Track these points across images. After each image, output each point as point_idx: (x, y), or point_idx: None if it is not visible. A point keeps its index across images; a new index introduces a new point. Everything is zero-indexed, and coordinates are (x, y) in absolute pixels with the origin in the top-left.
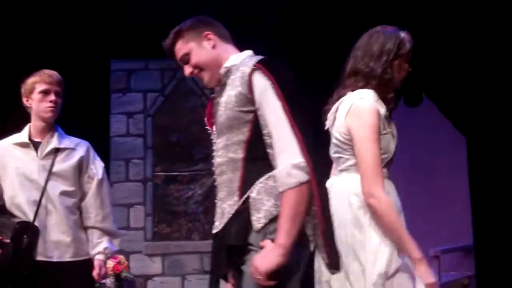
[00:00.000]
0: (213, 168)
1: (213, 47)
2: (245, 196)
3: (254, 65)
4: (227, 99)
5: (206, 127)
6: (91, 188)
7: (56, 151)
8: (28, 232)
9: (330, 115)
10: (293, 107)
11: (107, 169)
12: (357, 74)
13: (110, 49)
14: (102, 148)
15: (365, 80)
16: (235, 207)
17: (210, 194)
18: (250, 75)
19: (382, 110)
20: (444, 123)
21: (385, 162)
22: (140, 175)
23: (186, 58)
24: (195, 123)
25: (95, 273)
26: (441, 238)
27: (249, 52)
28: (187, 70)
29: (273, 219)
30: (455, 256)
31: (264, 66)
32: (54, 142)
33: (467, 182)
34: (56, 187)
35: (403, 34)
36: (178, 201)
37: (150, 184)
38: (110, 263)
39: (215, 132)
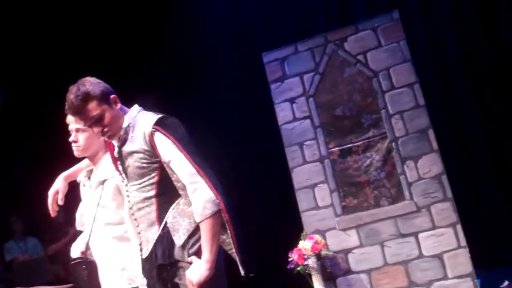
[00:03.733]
0: (130, 206)
1: (120, 108)
2: (163, 223)
3: (153, 127)
4: (133, 153)
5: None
6: None
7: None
8: None
9: None
10: (193, 153)
11: (283, 156)
12: None
13: (259, 43)
14: (274, 137)
15: None
16: (157, 233)
17: (388, 158)
18: (151, 136)
19: None
20: None
21: None
22: (315, 155)
23: (98, 117)
24: (356, 91)
25: None
26: None
27: (137, 108)
28: (97, 129)
29: (191, 235)
30: None
31: (161, 127)
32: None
33: None
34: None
35: None
36: (358, 172)
37: (328, 161)
38: (308, 244)
39: (123, 176)
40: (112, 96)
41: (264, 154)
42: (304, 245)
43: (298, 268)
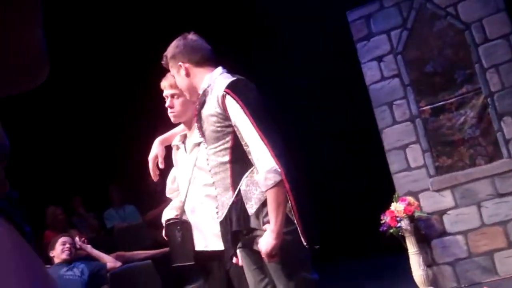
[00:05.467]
0: (209, 170)
1: (186, 75)
2: (237, 189)
3: (224, 90)
4: (209, 116)
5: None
6: None
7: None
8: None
9: None
10: (259, 120)
11: (372, 117)
12: None
13: (343, 1)
14: (363, 98)
15: None
16: (232, 199)
17: (483, 114)
18: (223, 99)
19: None
20: None
21: None
22: (406, 115)
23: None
24: (447, 46)
25: None
26: None
27: (219, 70)
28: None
29: (263, 203)
30: None
31: (232, 90)
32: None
33: None
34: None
35: None
36: (452, 130)
37: (419, 120)
38: (401, 206)
39: (204, 140)
40: (179, 63)
41: (352, 116)
42: (397, 207)
43: (391, 230)
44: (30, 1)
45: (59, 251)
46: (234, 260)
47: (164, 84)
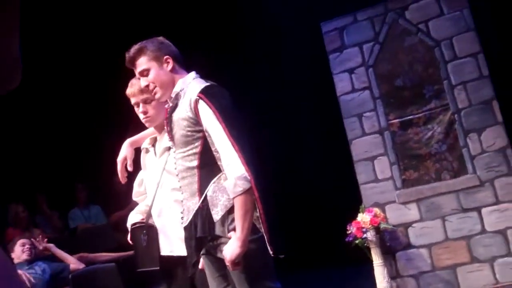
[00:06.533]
0: (176, 174)
1: (171, 70)
2: (204, 195)
3: (198, 95)
4: (180, 120)
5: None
6: None
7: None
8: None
9: None
10: (231, 126)
11: (341, 128)
12: None
13: (318, 12)
14: (333, 108)
15: None
16: (197, 205)
17: (450, 130)
18: (196, 103)
19: None
20: None
21: None
22: (375, 127)
23: (145, 73)
24: (417, 61)
25: None
26: None
27: (193, 75)
28: (143, 82)
29: (229, 211)
30: None
31: (205, 95)
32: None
33: None
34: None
35: None
36: (419, 144)
37: (387, 133)
38: (367, 217)
39: (172, 143)
40: (165, 57)
41: (322, 126)
42: (363, 218)
43: (357, 241)
44: (9, 12)
45: (19, 252)
46: (200, 265)
47: (132, 91)
